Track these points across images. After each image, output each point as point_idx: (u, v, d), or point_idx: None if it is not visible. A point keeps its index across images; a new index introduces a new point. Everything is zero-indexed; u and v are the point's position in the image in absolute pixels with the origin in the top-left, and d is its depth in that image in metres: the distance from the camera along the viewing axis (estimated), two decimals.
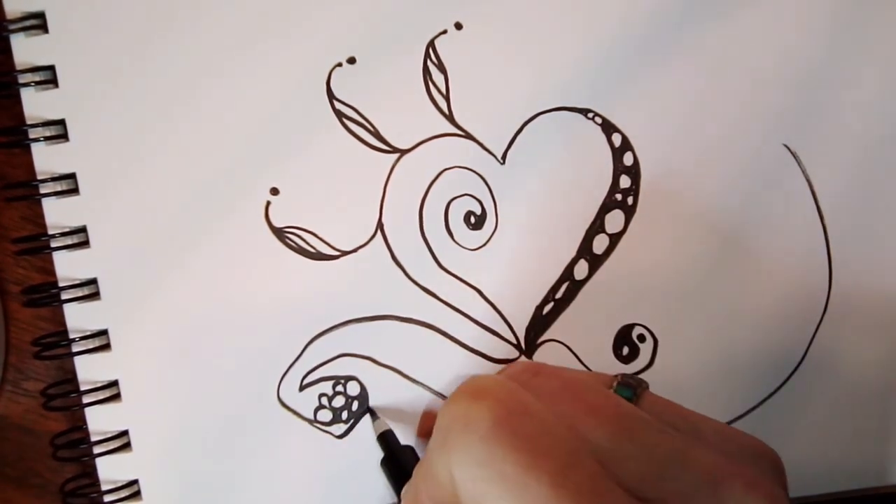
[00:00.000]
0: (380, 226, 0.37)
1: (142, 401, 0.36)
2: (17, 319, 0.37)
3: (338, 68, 0.36)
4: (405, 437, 0.37)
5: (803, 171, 0.38)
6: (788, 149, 0.38)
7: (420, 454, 0.36)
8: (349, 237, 0.37)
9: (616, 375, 0.31)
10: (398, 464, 0.35)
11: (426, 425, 0.37)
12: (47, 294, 0.36)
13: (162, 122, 0.36)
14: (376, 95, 0.36)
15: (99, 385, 0.36)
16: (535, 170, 0.37)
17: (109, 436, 0.36)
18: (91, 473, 0.36)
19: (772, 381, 0.38)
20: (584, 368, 0.37)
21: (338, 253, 0.37)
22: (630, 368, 0.38)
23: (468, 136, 0.37)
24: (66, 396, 0.36)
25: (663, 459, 0.27)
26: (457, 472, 0.27)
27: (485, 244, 0.37)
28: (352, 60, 0.36)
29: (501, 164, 0.37)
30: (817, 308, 0.38)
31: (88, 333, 0.36)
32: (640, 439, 0.27)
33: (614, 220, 0.37)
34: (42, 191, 0.35)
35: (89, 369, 0.36)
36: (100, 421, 0.36)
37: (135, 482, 0.36)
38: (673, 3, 0.37)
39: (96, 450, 0.36)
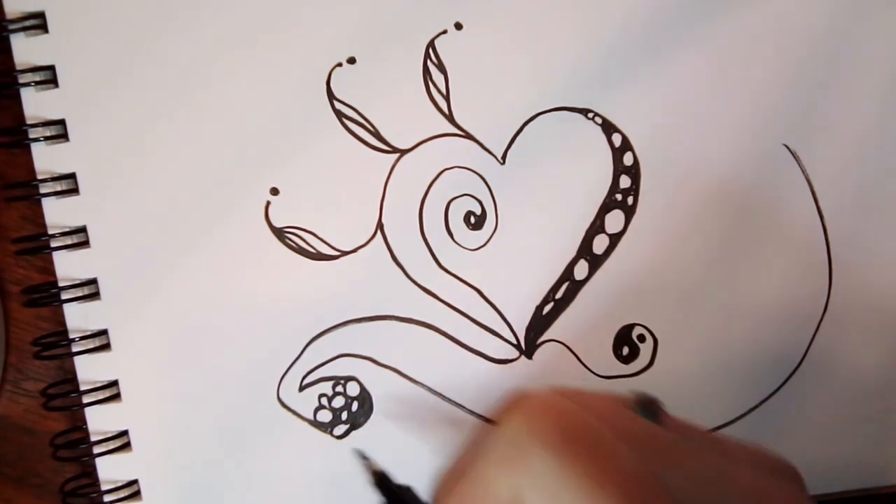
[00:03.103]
0: (380, 226, 0.37)
1: (142, 401, 0.36)
2: (17, 319, 0.37)
3: (338, 68, 0.36)
4: (405, 437, 0.37)
5: (803, 171, 0.38)
6: (788, 149, 0.38)
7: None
8: (349, 237, 0.37)
9: (630, 395, 0.31)
10: None
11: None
12: (47, 294, 0.36)
13: (162, 122, 0.36)
14: (376, 95, 0.36)
15: (99, 385, 0.36)
16: (535, 170, 0.37)
17: (109, 436, 0.36)
18: (91, 473, 0.36)
19: (772, 381, 0.38)
20: (585, 369, 0.38)
21: (338, 253, 0.37)
22: (630, 368, 0.38)
23: (468, 136, 0.37)
24: (66, 396, 0.36)
25: (711, 480, 0.27)
26: (528, 488, 0.26)
27: (485, 244, 0.37)
28: (352, 60, 0.36)
29: (501, 164, 0.37)
30: (817, 308, 0.38)
31: (88, 333, 0.36)
32: (684, 463, 0.27)
33: (614, 220, 0.37)
34: (42, 191, 0.35)
35: (89, 369, 0.36)
36: (100, 421, 0.36)
37: (135, 482, 0.36)
38: (673, 3, 0.37)
39: (96, 450, 0.36)
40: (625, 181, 0.37)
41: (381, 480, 0.35)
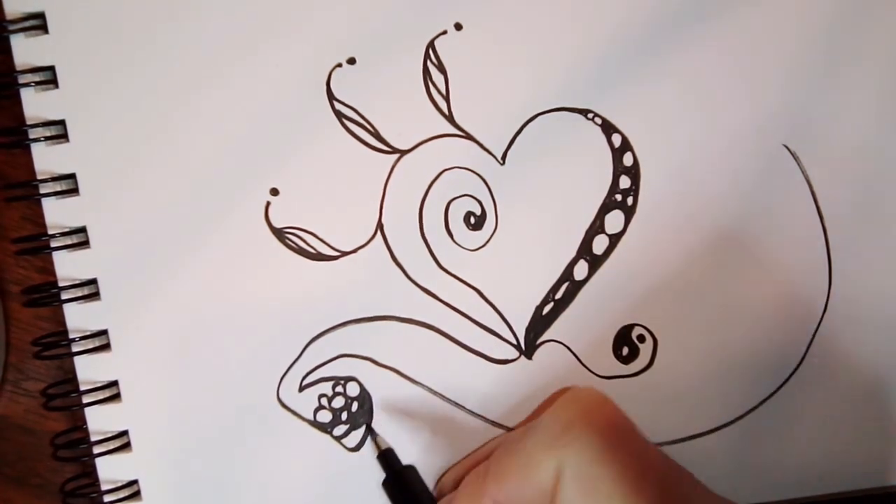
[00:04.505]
0: (380, 226, 0.37)
1: (142, 401, 0.36)
2: (17, 319, 0.37)
3: (338, 68, 0.36)
4: (405, 435, 0.37)
5: (803, 171, 0.38)
6: (788, 149, 0.38)
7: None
8: (349, 237, 0.37)
9: None
10: (401, 485, 0.35)
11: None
12: (47, 294, 0.36)
13: (162, 122, 0.36)
14: (376, 96, 0.36)
15: (99, 385, 0.36)
16: (535, 170, 0.37)
17: (109, 436, 0.36)
18: (91, 473, 0.36)
19: (772, 381, 0.38)
20: (584, 369, 0.38)
21: (338, 253, 0.37)
22: (630, 369, 0.38)
23: (468, 136, 0.37)
24: (66, 396, 0.36)
25: None
26: (569, 469, 0.28)
27: (484, 244, 0.37)
28: (352, 61, 0.36)
29: (501, 164, 0.37)
30: (817, 308, 0.38)
31: (88, 333, 0.36)
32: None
33: (614, 220, 0.37)
34: (42, 191, 0.35)
35: (89, 369, 0.36)
36: (100, 421, 0.36)
37: (135, 482, 0.36)
38: (672, 4, 0.37)
39: (96, 450, 0.36)
40: (624, 181, 0.37)
41: (387, 457, 0.35)
